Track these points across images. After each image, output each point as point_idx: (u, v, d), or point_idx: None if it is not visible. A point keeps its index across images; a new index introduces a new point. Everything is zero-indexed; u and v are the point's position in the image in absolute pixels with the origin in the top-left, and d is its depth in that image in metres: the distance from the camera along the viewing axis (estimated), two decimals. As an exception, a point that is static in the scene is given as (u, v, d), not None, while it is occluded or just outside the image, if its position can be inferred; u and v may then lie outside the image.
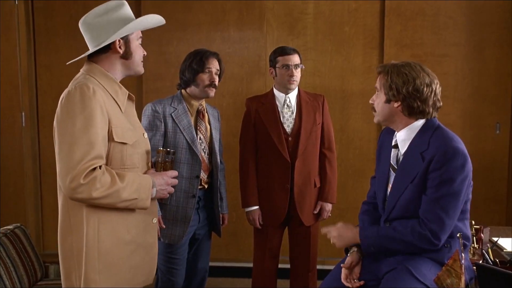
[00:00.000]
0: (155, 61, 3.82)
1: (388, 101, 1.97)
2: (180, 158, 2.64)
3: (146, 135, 1.97)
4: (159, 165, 1.95)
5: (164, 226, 2.62)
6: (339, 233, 2.07)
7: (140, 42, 1.94)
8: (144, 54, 1.96)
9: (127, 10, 1.89)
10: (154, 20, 1.94)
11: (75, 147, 1.67)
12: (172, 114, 2.65)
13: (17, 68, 3.87)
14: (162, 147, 2.64)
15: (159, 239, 2.69)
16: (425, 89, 1.92)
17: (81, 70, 1.88)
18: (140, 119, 2.18)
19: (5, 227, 2.75)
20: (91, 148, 1.68)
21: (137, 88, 3.86)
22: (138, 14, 3.69)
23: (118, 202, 1.75)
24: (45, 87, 3.95)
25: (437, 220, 1.86)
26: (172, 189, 1.96)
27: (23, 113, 3.90)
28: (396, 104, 1.95)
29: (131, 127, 1.87)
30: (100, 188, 1.68)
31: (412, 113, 1.95)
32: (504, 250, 2.35)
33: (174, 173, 1.96)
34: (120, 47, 1.85)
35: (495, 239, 2.45)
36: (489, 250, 2.21)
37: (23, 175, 3.94)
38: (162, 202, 2.65)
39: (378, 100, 2.02)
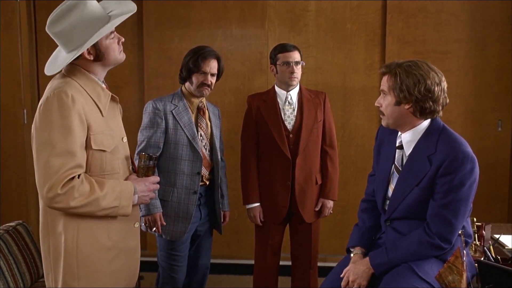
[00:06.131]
0: (157, 58, 3.82)
1: (398, 103, 1.91)
2: (182, 155, 2.65)
3: (125, 139, 1.92)
4: (140, 170, 1.91)
5: (165, 223, 2.63)
6: (354, 275, 1.97)
7: (112, 36, 1.81)
8: (121, 41, 1.85)
9: (91, 7, 1.74)
10: (124, 16, 1.78)
11: (53, 157, 1.65)
12: (173, 111, 2.65)
13: (19, 65, 3.87)
14: (164, 144, 2.65)
15: (160, 235, 2.70)
16: (436, 88, 1.88)
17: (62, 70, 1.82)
18: (140, 118, 2.16)
19: (7, 224, 2.75)
20: (69, 158, 1.66)
21: (139, 85, 3.86)
22: (140, 12, 3.71)
23: (97, 210, 1.73)
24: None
25: (446, 224, 1.86)
26: (154, 195, 1.94)
27: (24, 110, 3.90)
28: (407, 106, 1.90)
29: (110, 133, 1.82)
30: (78, 198, 1.67)
31: (424, 113, 1.91)
32: (506, 247, 2.35)
33: (156, 178, 1.93)
34: (89, 53, 1.77)
35: (496, 236, 2.45)
36: (491, 247, 2.21)
37: (25, 172, 3.94)
38: (163, 199, 2.66)
39: (386, 102, 1.95)
